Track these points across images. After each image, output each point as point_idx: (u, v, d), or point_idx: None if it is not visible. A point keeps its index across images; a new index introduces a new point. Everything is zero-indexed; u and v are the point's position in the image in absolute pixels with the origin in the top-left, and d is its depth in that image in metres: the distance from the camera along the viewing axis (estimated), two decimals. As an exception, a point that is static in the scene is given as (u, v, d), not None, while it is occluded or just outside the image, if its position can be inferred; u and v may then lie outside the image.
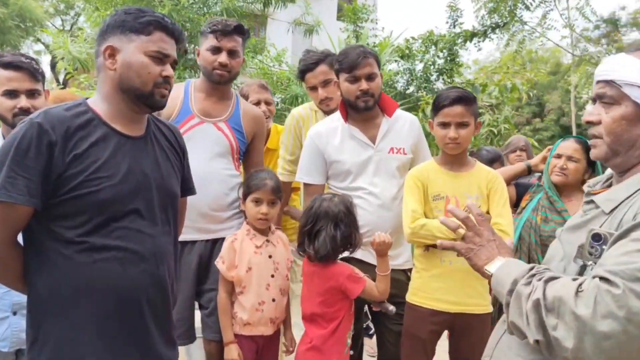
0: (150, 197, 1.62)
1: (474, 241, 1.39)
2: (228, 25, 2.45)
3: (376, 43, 9.07)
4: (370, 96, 2.48)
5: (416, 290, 2.40)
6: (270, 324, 2.38)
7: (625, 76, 1.23)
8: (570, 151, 2.75)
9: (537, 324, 1.10)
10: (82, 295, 1.51)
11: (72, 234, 1.49)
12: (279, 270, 2.41)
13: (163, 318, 1.68)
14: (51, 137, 1.46)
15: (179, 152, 1.83)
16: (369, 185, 2.49)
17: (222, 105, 2.55)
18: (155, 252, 1.61)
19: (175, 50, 1.68)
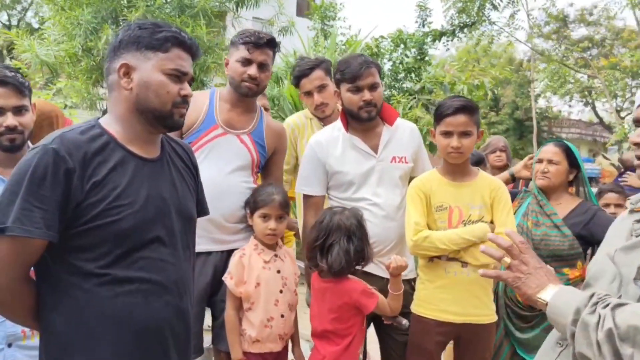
0: (171, 223, 1.56)
1: (521, 270, 1.36)
2: (261, 38, 2.39)
3: (344, 42, 9.08)
4: (373, 106, 2.45)
5: (421, 302, 2.40)
6: (279, 340, 2.34)
7: None
8: (550, 154, 2.79)
9: (612, 354, 1.10)
10: (105, 330, 1.44)
11: (92, 266, 1.42)
12: (287, 285, 2.37)
13: (185, 348, 1.63)
14: (68, 164, 1.37)
15: (194, 172, 1.76)
16: (373, 196, 2.47)
17: (246, 118, 2.50)
18: (178, 281, 1.56)
19: (192, 65, 1.61)
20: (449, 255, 2.30)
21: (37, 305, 1.47)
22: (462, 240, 2.25)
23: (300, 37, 7.84)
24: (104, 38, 4.39)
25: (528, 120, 24.61)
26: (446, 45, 9.49)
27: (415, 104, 7.87)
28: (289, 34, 6.05)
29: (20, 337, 1.92)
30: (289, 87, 6.64)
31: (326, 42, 8.67)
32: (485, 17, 9.76)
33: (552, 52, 19.29)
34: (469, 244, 2.25)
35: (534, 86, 20.37)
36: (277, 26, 5.92)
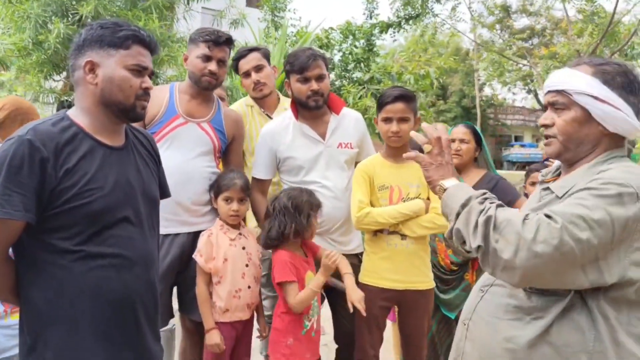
0: (137, 205, 1.71)
1: (436, 159, 1.64)
2: (220, 37, 2.59)
3: (294, 33, 9.25)
4: (320, 96, 2.69)
5: (367, 272, 2.66)
6: (247, 309, 2.58)
7: (574, 86, 1.50)
8: (461, 135, 3.17)
9: (482, 235, 1.37)
10: (81, 302, 1.57)
11: (67, 244, 1.55)
12: (252, 260, 2.61)
13: (153, 317, 1.78)
14: (43, 154, 1.51)
15: (155, 159, 1.92)
16: (322, 179, 2.71)
17: (205, 107, 2.69)
18: (146, 257, 1.72)
19: (151, 61, 1.76)
20: (389, 229, 2.57)
21: (16, 283, 1.60)
22: (400, 215, 2.52)
23: (252, 29, 7.97)
24: (55, 31, 4.41)
25: (475, 107, 25.51)
26: (393, 37, 9.80)
27: (365, 93, 8.15)
28: (240, 25, 6.16)
29: (2, 315, 2.07)
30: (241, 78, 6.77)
31: (277, 33, 8.82)
32: (428, 10, 10.14)
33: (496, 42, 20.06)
34: (406, 217, 2.53)
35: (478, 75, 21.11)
36: (228, 18, 6.02)
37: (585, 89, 1.48)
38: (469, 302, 1.69)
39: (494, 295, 1.58)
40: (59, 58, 4.79)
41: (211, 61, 2.60)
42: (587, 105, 1.48)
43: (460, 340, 1.66)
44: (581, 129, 1.51)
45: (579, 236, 1.29)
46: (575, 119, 1.51)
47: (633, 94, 1.50)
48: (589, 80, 1.49)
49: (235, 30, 6.75)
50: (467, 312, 1.66)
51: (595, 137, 1.52)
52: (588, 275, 1.34)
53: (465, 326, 1.64)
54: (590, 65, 1.53)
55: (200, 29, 2.73)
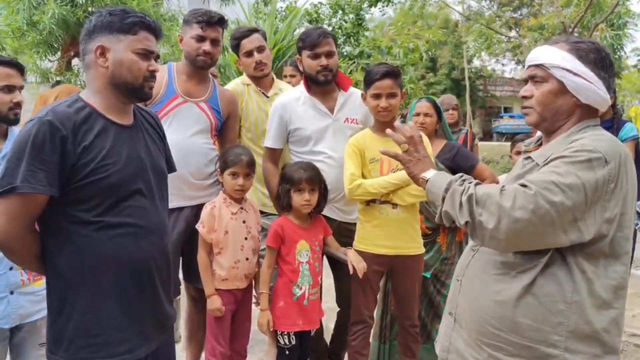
0: (148, 178, 1.85)
1: (414, 155, 1.84)
2: (212, 17, 2.74)
3: (284, 8, 9.28)
4: (329, 71, 2.88)
5: (361, 239, 2.84)
6: (244, 279, 2.76)
7: (551, 60, 1.64)
8: (425, 109, 3.40)
9: (468, 211, 1.54)
10: (102, 268, 1.72)
11: (88, 215, 1.70)
12: (251, 233, 2.78)
13: (167, 282, 1.94)
14: (62, 133, 1.64)
15: (161, 136, 2.06)
16: (329, 150, 2.91)
17: (202, 87, 2.85)
18: (159, 226, 1.86)
19: (157, 46, 1.88)
20: (381, 199, 2.74)
21: (41, 252, 1.74)
22: (390, 185, 2.69)
23: (241, 5, 7.99)
24: (50, 12, 4.48)
25: (464, 79, 25.55)
26: (382, 10, 9.81)
27: (355, 68, 8.25)
28: (230, 2, 6.21)
29: (20, 284, 2.23)
30: (233, 55, 6.85)
31: (266, 9, 8.84)
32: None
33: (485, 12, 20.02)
34: (396, 187, 2.70)
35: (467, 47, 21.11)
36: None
37: (560, 62, 1.62)
38: (461, 261, 1.86)
39: (483, 254, 1.73)
40: (53, 39, 4.86)
41: (205, 41, 2.74)
42: (562, 78, 1.63)
43: (454, 295, 1.83)
44: (557, 99, 1.65)
45: (552, 199, 1.45)
46: (551, 91, 1.65)
47: (604, 69, 1.64)
48: (565, 55, 1.63)
49: (226, 8, 6.79)
50: (460, 269, 1.83)
51: (569, 107, 1.66)
52: (569, 235, 1.50)
53: (459, 282, 1.80)
54: (567, 43, 1.67)
55: (193, 10, 2.85)
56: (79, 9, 4.76)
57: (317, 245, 2.79)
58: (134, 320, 1.80)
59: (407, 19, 17.85)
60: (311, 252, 2.76)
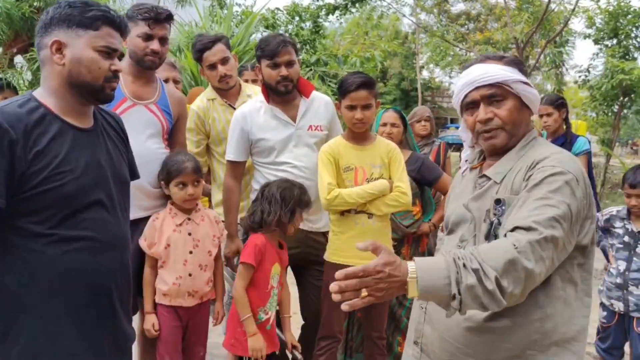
0: (109, 188, 1.70)
1: (379, 288, 1.27)
2: (160, 14, 2.53)
3: (240, 12, 9.13)
4: (290, 81, 2.75)
5: (335, 250, 2.75)
6: (188, 297, 2.55)
7: (510, 77, 1.59)
8: (392, 119, 3.41)
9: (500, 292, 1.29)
10: (56, 287, 1.56)
11: (40, 228, 1.53)
12: (199, 247, 2.58)
13: (127, 300, 1.79)
14: (12, 136, 1.47)
15: (124, 140, 1.90)
16: (293, 160, 2.80)
17: (150, 88, 2.65)
18: (120, 239, 1.72)
19: (121, 44, 1.72)
20: (357, 208, 2.67)
21: None
22: (368, 195, 2.63)
23: (197, 8, 7.80)
24: None
25: (414, 90, 26.10)
26: (339, 19, 9.85)
27: (312, 75, 8.20)
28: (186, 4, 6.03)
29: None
30: (188, 58, 6.65)
31: (222, 12, 8.66)
32: (375, -7, 10.27)
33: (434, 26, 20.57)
34: (373, 197, 2.64)
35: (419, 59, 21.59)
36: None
37: (517, 76, 1.60)
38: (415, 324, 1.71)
39: None
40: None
41: (153, 40, 2.54)
42: (521, 92, 1.60)
43: (419, 323, 1.71)
44: (520, 115, 1.63)
45: (555, 235, 1.38)
46: (515, 107, 1.61)
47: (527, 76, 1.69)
48: (512, 70, 1.61)
49: (182, 9, 6.60)
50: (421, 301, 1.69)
51: (526, 120, 1.66)
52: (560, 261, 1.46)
53: (423, 309, 1.68)
54: (495, 60, 1.66)
55: (136, 5, 2.65)
56: (25, 3, 4.47)
57: (284, 271, 2.70)
58: (90, 343, 1.63)
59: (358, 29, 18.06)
60: (279, 277, 2.66)
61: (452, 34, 18.53)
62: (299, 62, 2.85)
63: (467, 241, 1.64)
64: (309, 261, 2.89)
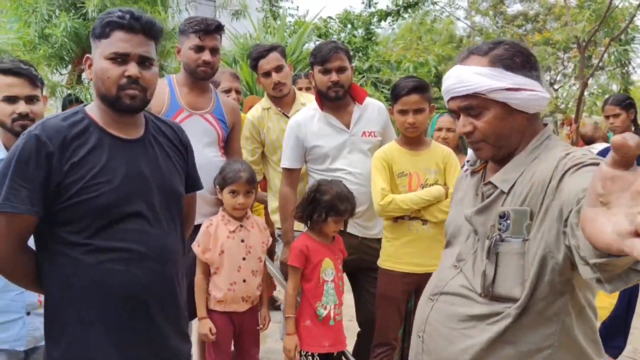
0: (151, 198, 1.65)
1: None
2: (210, 25, 2.63)
3: (293, 22, 9.26)
4: (340, 87, 2.77)
5: (388, 257, 2.73)
6: (242, 302, 2.61)
7: (485, 85, 1.39)
8: (447, 124, 3.40)
9: None
10: (89, 295, 1.57)
11: (77, 237, 1.55)
12: (251, 253, 2.63)
13: (174, 314, 1.72)
14: (49, 149, 1.51)
15: (181, 150, 1.85)
16: (347, 166, 2.81)
17: (205, 98, 2.76)
18: (161, 251, 1.65)
19: (147, 45, 1.60)
20: (411, 214, 2.64)
21: (37, 273, 1.62)
22: (422, 201, 2.60)
23: (251, 19, 7.98)
24: (62, 25, 4.43)
25: (469, 94, 25.49)
26: (391, 25, 9.81)
27: (365, 82, 8.20)
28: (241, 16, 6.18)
29: (37, 305, 2.11)
30: (244, 69, 6.81)
31: (276, 23, 8.82)
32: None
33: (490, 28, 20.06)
34: (428, 203, 2.61)
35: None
36: (230, 9, 6.05)
37: (497, 84, 1.39)
38: (420, 313, 1.62)
39: (445, 304, 1.51)
40: (64, 52, 4.81)
41: (204, 51, 2.63)
42: (504, 99, 1.40)
43: (417, 353, 1.59)
44: (506, 123, 1.43)
45: None
46: (496, 117, 1.43)
47: (533, 68, 1.45)
48: (494, 73, 1.40)
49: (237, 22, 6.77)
50: (420, 323, 1.59)
51: (521, 125, 1.45)
52: None
53: (420, 339, 1.57)
54: (480, 54, 1.45)
55: (188, 19, 2.75)
56: (91, 22, 4.70)
57: (340, 264, 2.69)
58: (125, 355, 1.61)
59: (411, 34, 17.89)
60: (335, 271, 2.65)
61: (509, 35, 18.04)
62: (352, 69, 2.86)
63: (464, 261, 1.49)
64: (364, 268, 2.88)
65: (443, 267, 1.60)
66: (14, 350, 2.09)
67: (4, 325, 2.04)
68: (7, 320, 2.05)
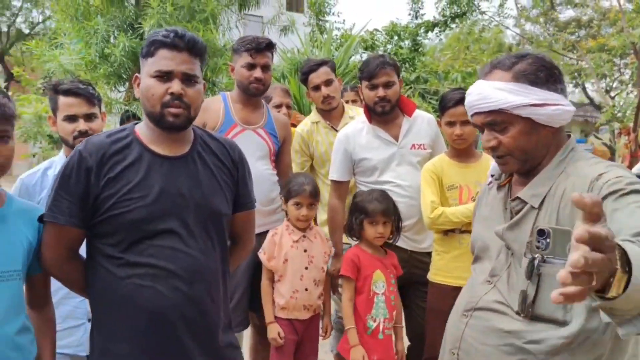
0: (187, 216, 1.63)
1: None
2: (260, 43, 2.74)
3: (339, 36, 9.36)
4: (387, 102, 2.79)
5: (438, 270, 2.70)
6: (304, 310, 2.67)
7: (510, 101, 1.41)
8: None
9: None
10: (119, 308, 1.59)
11: (112, 250, 1.59)
12: (314, 263, 2.69)
13: (205, 335, 1.67)
14: (88, 164, 1.57)
15: (230, 168, 1.80)
16: (395, 179, 2.81)
17: (257, 114, 2.86)
18: (192, 270, 1.61)
19: (190, 62, 1.61)
20: (461, 228, 2.61)
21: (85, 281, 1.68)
22: (473, 214, 2.56)
23: (298, 34, 8.12)
24: (120, 45, 4.66)
25: (519, 104, 24.84)
26: (439, 36, 9.74)
27: (412, 93, 8.16)
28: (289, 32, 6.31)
29: (100, 313, 2.22)
30: (292, 83, 6.93)
31: (322, 37, 8.94)
32: (475, 7, 10.03)
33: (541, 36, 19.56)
34: (479, 216, 2.56)
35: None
36: (278, 25, 6.18)
37: (521, 100, 1.40)
38: (452, 329, 1.59)
39: (479, 320, 1.49)
40: (122, 70, 5.05)
41: (256, 68, 2.74)
42: (530, 115, 1.41)
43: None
44: (531, 138, 1.44)
45: None
46: (521, 132, 1.44)
47: (558, 81, 1.45)
48: (518, 88, 1.41)
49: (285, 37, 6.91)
50: (454, 339, 1.56)
51: (547, 139, 1.46)
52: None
53: (455, 356, 1.54)
54: (503, 69, 1.46)
55: (241, 38, 2.87)
56: (147, 41, 4.91)
57: (392, 278, 2.68)
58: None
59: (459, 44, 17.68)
60: (387, 284, 2.65)
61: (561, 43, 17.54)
62: (400, 82, 2.88)
63: (498, 276, 1.48)
64: (414, 282, 2.86)
65: (475, 283, 1.57)
66: (77, 355, 2.19)
67: (68, 330, 2.15)
68: (71, 326, 2.16)
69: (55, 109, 2.24)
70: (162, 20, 4.62)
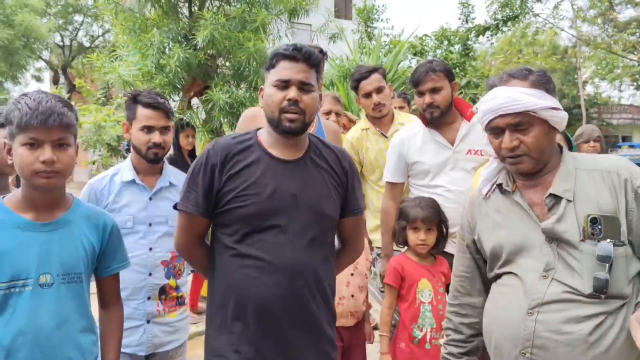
0: (296, 215, 1.74)
1: None
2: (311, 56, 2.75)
3: (387, 42, 9.33)
4: (435, 108, 2.76)
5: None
6: (350, 317, 2.65)
7: (537, 104, 1.58)
8: None
9: None
10: (227, 295, 1.74)
11: (229, 240, 1.75)
12: (358, 269, 2.68)
13: (306, 330, 1.75)
14: (214, 161, 1.76)
15: (340, 174, 1.88)
16: (448, 184, 2.78)
17: None
18: (293, 267, 1.71)
19: (307, 72, 1.75)
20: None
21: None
22: None
23: (347, 41, 8.16)
24: (175, 56, 4.82)
25: (575, 107, 24.05)
26: (490, 40, 9.53)
27: (463, 98, 8.03)
28: (338, 39, 6.36)
29: (156, 314, 2.32)
30: (340, 90, 6.99)
31: (371, 43, 8.94)
32: (528, 10, 9.77)
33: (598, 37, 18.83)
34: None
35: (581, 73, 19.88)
36: (327, 33, 6.24)
37: (545, 103, 1.58)
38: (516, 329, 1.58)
39: (552, 313, 1.53)
40: (177, 80, 5.21)
41: None
42: (549, 117, 1.60)
43: None
44: (547, 139, 1.63)
45: None
46: (542, 133, 1.61)
47: (555, 92, 1.68)
48: (539, 94, 1.60)
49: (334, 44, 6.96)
50: (524, 340, 1.56)
51: (554, 141, 1.67)
52: None
53: (527, 355, 1.55)
54: (520, 78, 1.65)
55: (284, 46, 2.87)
56: (200, 52, 5.06)
57: (440, 287, 2.64)
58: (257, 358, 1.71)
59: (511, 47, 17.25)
60: (434, 293, 2.61)
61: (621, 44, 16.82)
62: (453, 86, 2.83)
63: (554, 269, 1.56)
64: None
65: (528, 280, 1.59)
66: (136, 354, 2.29)
67: (128, 330, 2.22)
68: (131, 326, 2.24)
69: (132, 117, 2.33)
70: (215, 31, 4.74)
